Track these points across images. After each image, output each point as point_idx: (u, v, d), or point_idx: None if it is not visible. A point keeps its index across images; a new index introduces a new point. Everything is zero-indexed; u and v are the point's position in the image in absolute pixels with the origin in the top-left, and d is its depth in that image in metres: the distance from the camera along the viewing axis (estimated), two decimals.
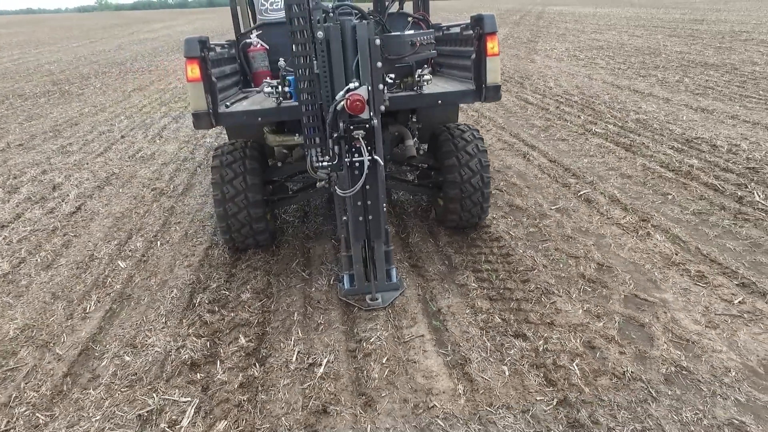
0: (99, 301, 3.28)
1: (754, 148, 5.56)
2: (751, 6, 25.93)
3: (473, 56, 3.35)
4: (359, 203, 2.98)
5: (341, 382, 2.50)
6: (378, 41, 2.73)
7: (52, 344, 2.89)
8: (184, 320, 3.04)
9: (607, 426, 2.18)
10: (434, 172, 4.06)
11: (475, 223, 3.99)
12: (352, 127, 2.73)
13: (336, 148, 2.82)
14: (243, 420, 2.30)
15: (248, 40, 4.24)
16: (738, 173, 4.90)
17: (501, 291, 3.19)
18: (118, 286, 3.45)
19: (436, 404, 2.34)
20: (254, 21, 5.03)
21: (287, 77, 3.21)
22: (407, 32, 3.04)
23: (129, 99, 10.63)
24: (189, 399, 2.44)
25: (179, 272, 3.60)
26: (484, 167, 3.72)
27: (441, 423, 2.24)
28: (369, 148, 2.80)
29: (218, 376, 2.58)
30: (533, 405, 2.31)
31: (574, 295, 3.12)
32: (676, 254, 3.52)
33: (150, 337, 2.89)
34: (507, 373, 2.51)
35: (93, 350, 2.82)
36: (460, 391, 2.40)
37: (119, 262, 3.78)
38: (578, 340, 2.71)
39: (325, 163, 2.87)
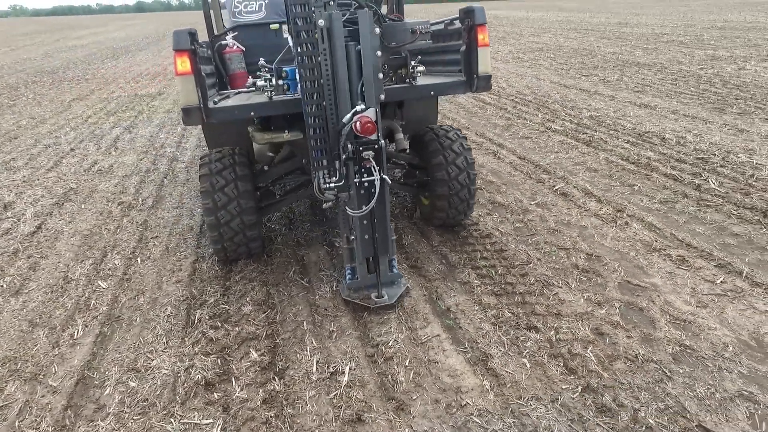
0: (86, 326, 3.04)
1: (698, 140, 6.02)
2: (665, 11, 28.10)
3: (463, 48, 3.36)
4: (365, 222, 2.97)
5: (368, 389, 2.46)
6: (378, 30, 2.74)
7: (42, 376, 2.64)
8: (186, 339, 2.88)
9: (632, 408, 2.28)
10: (419, 171, 4.09)
11: (461, 220, 4.05)
12: (361, 148, 2.73)
13: (343, 169, 2.82)
14: None
15: (224, 42, 4.09)
16: (691, 163, 5.28)
17: (503, 286, 3.27)
18: (104, 308, 3.21)
19: (468, 402, 2.36)
20: (221, 23, 4.86)
21: (284, 68, 3.12)
22: None
23: (70, 109, 9.91)
24: (211, 420, 2.31)
25: (169, 289, 3.41)
26: (469, 164, 3.79)
27: (477, 420, 2.26)
28: (378, 167, 2.80)
29: (237, 394, 2.46)
30: (560, 394, 2.38)
31: (572, 285, 3.24)
32: (656, 241, 3.75)
33: (153, 359, 2.72)
34: (528, 366, 2.57)
35: (91, 378, 2.61)
36: (488, 387, 2.44)
37: (99, 283, 3.52)
38: (587, 328, 2.82)
39: (332, 184, 2.84)
